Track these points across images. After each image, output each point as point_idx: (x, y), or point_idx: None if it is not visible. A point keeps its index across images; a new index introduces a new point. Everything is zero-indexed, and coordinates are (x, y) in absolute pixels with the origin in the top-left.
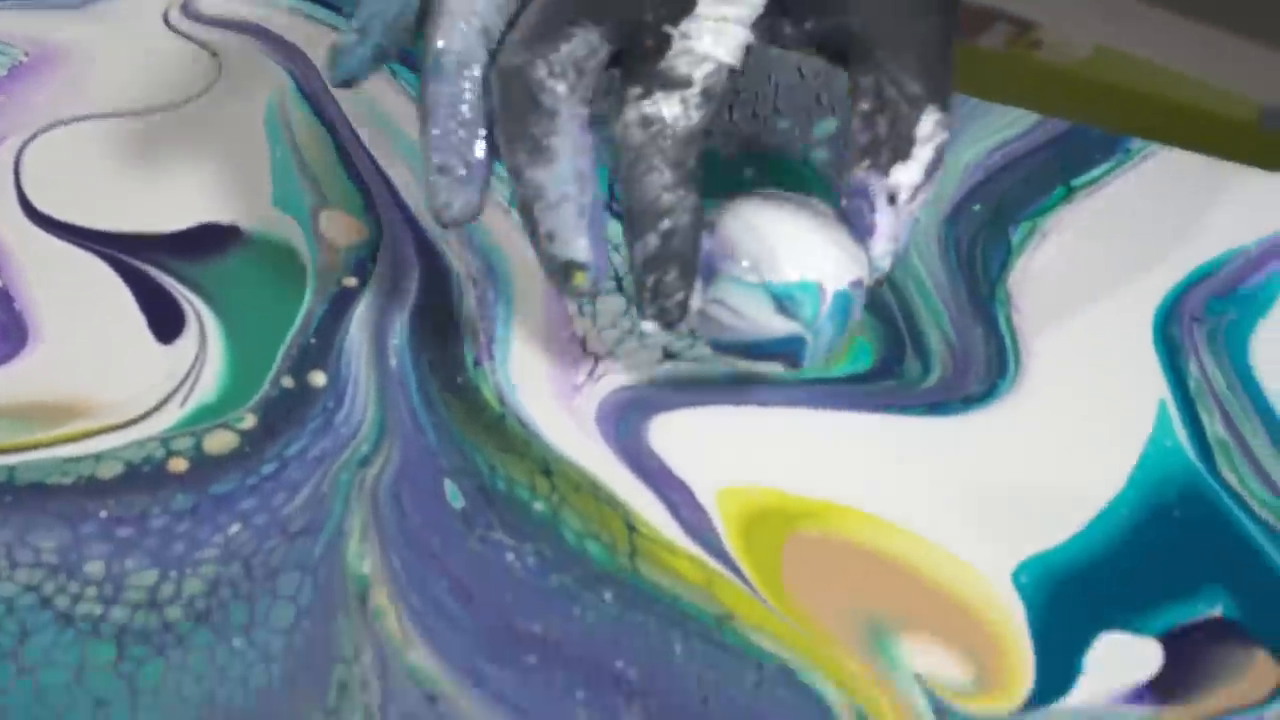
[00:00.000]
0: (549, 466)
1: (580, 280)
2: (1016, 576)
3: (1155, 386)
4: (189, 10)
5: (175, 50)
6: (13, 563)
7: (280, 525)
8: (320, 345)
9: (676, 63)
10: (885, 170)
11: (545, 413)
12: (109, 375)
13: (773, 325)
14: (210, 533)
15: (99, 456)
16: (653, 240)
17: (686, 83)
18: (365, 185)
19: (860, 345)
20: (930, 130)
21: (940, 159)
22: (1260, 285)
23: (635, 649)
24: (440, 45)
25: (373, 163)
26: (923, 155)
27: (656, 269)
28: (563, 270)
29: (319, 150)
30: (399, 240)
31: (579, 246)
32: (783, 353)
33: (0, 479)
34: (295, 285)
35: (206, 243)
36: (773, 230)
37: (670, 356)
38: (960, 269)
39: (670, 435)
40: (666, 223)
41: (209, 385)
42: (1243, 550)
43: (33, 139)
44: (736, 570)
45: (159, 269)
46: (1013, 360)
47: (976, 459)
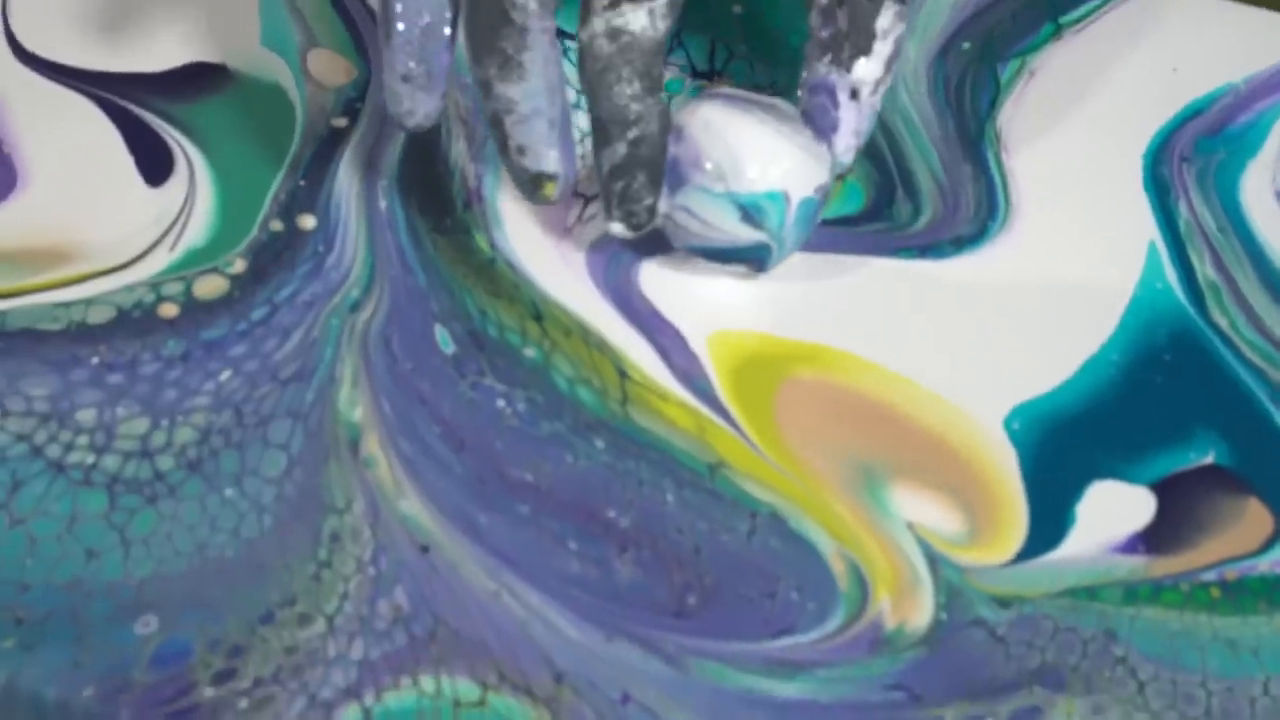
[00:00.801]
0: (539, 311)
1: (550, 190)
2: (1008, 423)
3: (1145, 228)
4: None
5: None
6: (4, 411)
7: (271, 372)
8: (309, 188)
9: None
10: (847, 66)
11: (535, 255)
12: (98, 218)
13: (739, 233)
14: (201, 380)
15: (89, 301)
16: (621, 148)
17: None
18: (355, 24)
19: (851, 187)
20: (889, 23)
21: (899, 51)
22: (1249, 124)
23: (627, 497)
24: None
25: (362, 1)
26: (883, 49)
27: (624, 175)
28: (533, 181)
29: None
30: None
31: (550, 158)
32: (748, 259)
33: None
34: (284, 126)
35: (195, 82)
36: (738, 139)
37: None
38: (949, 107)
39: (661, 279)
40: (634, 131)
41: (198, 229)
42: (1234, 395)
43: None
44: (728, 416)
45: (147, 110)
46: (1003, 200)
47: (968, 302)
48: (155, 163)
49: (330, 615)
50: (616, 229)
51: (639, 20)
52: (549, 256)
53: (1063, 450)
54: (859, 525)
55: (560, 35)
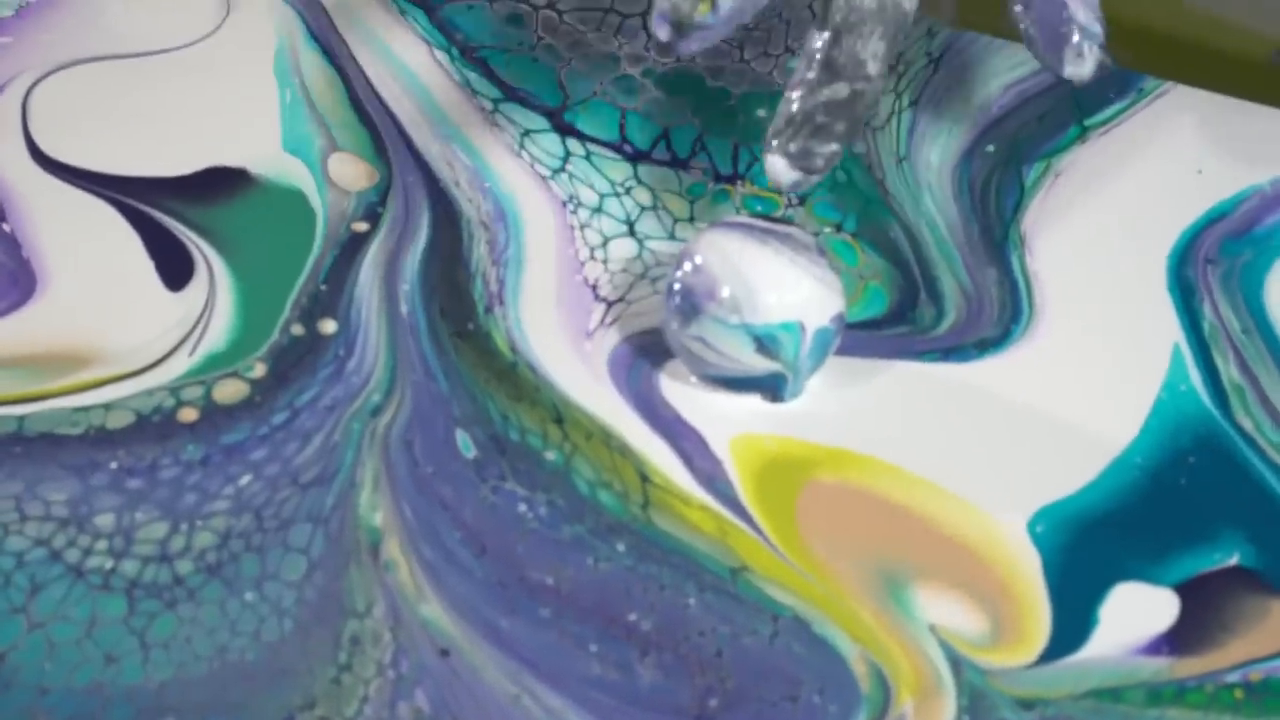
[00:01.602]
0: (560, 415)
1: (705, 10)
2: (1032, 526)
3: (1169, 330)
4: None
5: None
6: (23, 515)
7: (291, 476)
8: (330, 292)
9: None
10: None
11: (557, 360)
12: (118, 323)
13: (754, 363)
14: (221, 484)
15: (109, 406)
16: (843, 90)
17: None
18: (375, 128)
19: (874, 290)
20: None
21: None
22: (1275, 225)
23: (649, 601)
24: None
25: (383, 106)
26: None
27: (832, 114)
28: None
29: (329, 93)
30: (409, 184)
31: None
32: (764, 388)
33: (9, 430)
34: (305, 230)
35: (215, 187)
36: (753, 269)
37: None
38: (974, 211)
39: (683, 382)
40: (861, 84)
41: (219, 333)
42: (1259, 497)
43: (40, 81)
44: (750, 520)
45: (167, 214)
46: (1026, 304)
47: (991, 405)
48: (175, 267)
49: (351, 719)
50: (778, 163)
51: None
52: (570, 360)
53: (1087, 552)
54: (881, 628)
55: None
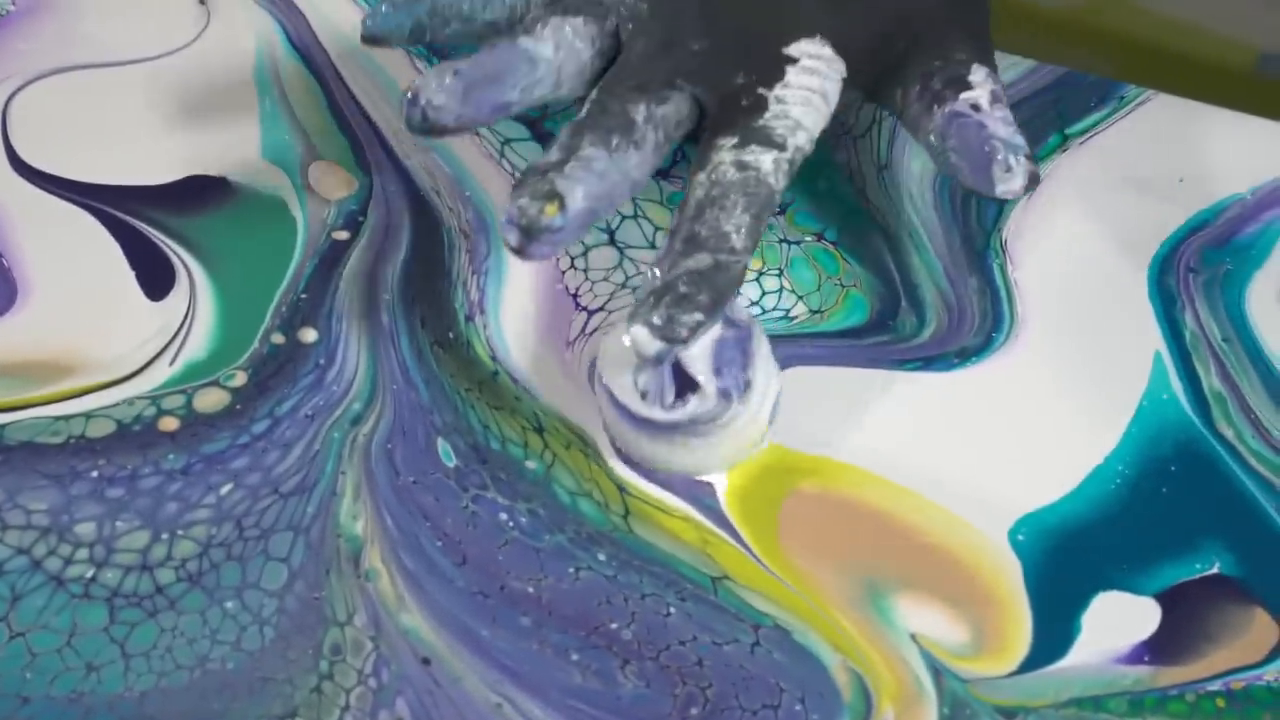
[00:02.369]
0: (541, 424)
1: (552, 211)
2: (1013, 534)
3: (1151, 339)
4: None
5: None
6: (3, 524)
7: (272, 484)
8: (311, 300)
9: (774, 124)
10: (956, 98)
11: (537, 369)
12: (99, 332)
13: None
14: (202, 493)
15: (89, 415)
16: (706, 260)
17: (781, 146)
18: (356, 137)
19: (855, 299)
20: (983, 77)
21: (1000, 96)
22: (1256, 234)
23: (630, 610)
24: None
25: (363, 114)
26: (983, 84)
27: (694, 285)
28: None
29: (309, 101)
30: (390, 193)
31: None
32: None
33: None
34: (285, 239)
35: (196, 196)
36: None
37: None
38: (954, 220)
39: None
40: (726, 258)
41: (199, 342)
42: (1240, 506)
43: (20, 90)
44: (731, 529)
45: (148, 223)
46: (1008, 313)
47: (972, 414)
48: (156, 276)
49: None
50: (640, 333)
51: (767, 164)
52: (551, 369)
53: (1068, 561)
54: (863, 637)
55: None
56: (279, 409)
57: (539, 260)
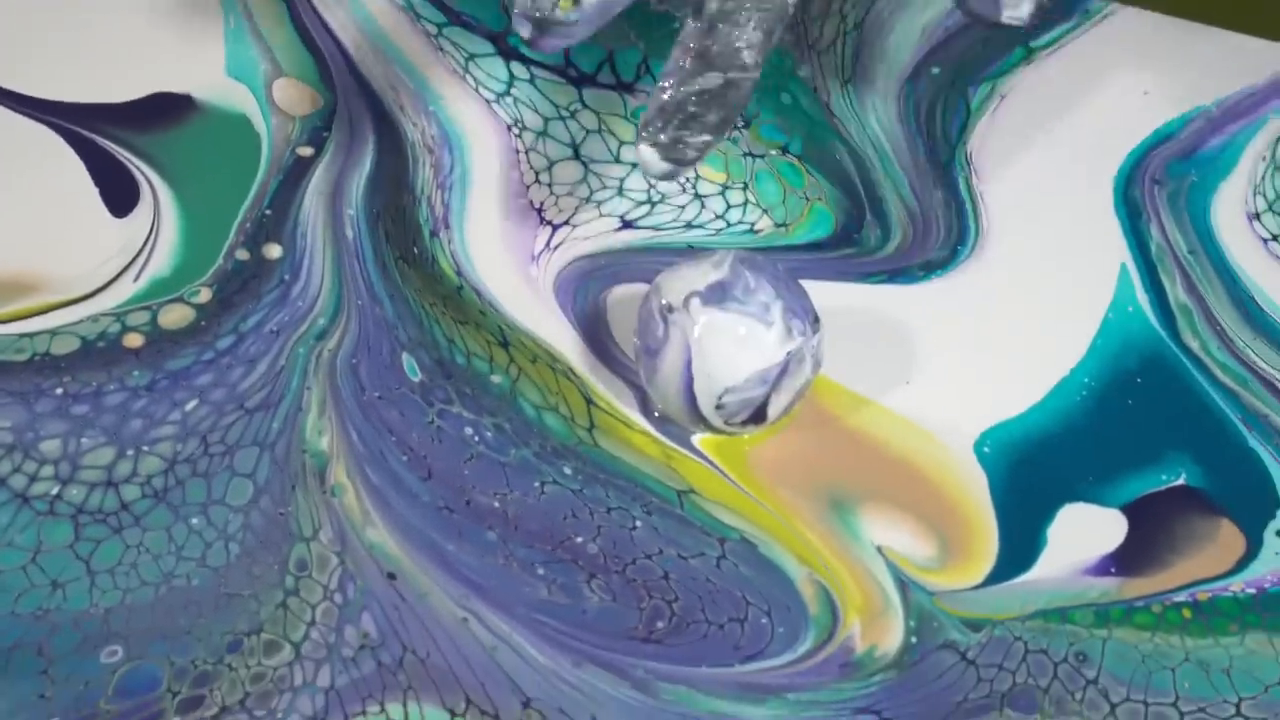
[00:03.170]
0: (507, 338)
1: (566, 7)
2: (979, 447)
3: (1116, 251)
4: None
5: None
6: None
7: (237, 400)
8: (275, 217)
9: None
10: None
11: (502, 283)
12: (63, 249)
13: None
14: (167, 409)
15: (54, 332)
16: (715, 79)
17: None
18: (320, 53)
19: (820, 212)
20: None
21: None
22: (1221, 147)
23: (596, 524)
24: None
25: (328, 30)
26: None
27: (704, 104)
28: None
29: (273, 18)
30: (354, 109)
31: None
32: None
33: None
34: (250, 156)
35: (160, 113)
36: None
37: (627, 225)
38: (919, 133)
39: (629, 306)
40: (737, 74)
41: (164, 259)
42: (1205, 417)
43: None
44: (693, 447)
45: (112, 140)
46: (973, 225)
47: (938, 327)
48: (120, 193)
49: (297, 643)
50: (649, 155)
51: None
52: (516, 284)
53: (1034, 473)
54: (829, 550)
55: None
56: (244, 325)
57: (549, 53)
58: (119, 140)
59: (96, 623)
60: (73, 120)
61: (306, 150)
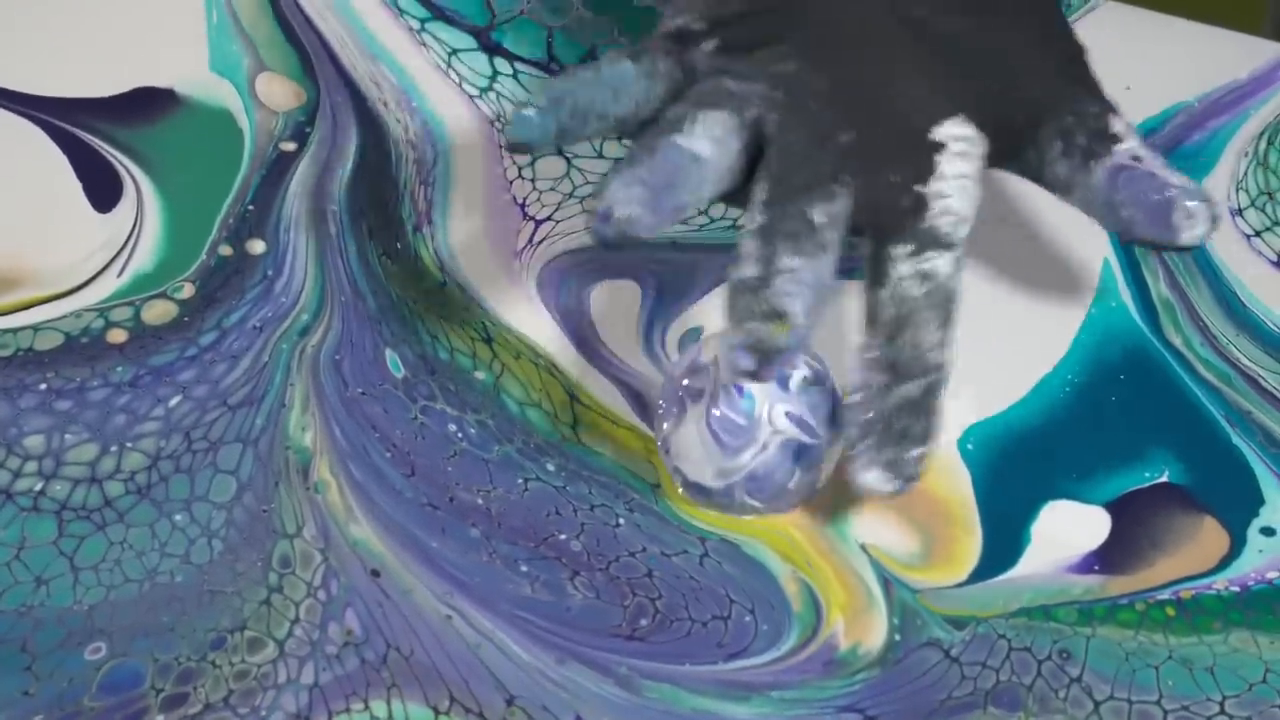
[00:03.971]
0: (490, 334)
1: (780, 331)
2: (962, 443)
3: (1099, 246)
4: None
5: None
6: None
7: (221, 397)
8: (259, 212)
9: (940, 222)
10: (1111, 151)
11: (486, 279)
12: (46, 244)
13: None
14: (150, 405)
15: (37, 328)
16: (914, 389)
17: (951, 244)
18: (303, 48)
19: None
20: (1125, 126)
21: (1151, 143)
22: (1203, 142)
23: (579, 521)
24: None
25: (310, 25)
26: (1129, 133)
27: (910, 416)
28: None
29: (256, 13)
30: (337, 104)
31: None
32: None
33: None
34: (233, 151)
35: (143, 108)
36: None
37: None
38: None
39: (612, 302)
40: (933, 377)
41: (147, 254)
42: (1188, 413)
43: None
44: None
45: (95, 135)
46: None
47: None
48: (103, 188)
49: (281, 640)
50: (876, 479)
51: (946, 266)
52: (500, 280)
53: (1017, 470)
54: (812, 547)
55: None
56: (227, 321)
57: (769, 381)
58: (102, 135)
59: (80, 619)
60: (56, 115)
61: (289, 145)
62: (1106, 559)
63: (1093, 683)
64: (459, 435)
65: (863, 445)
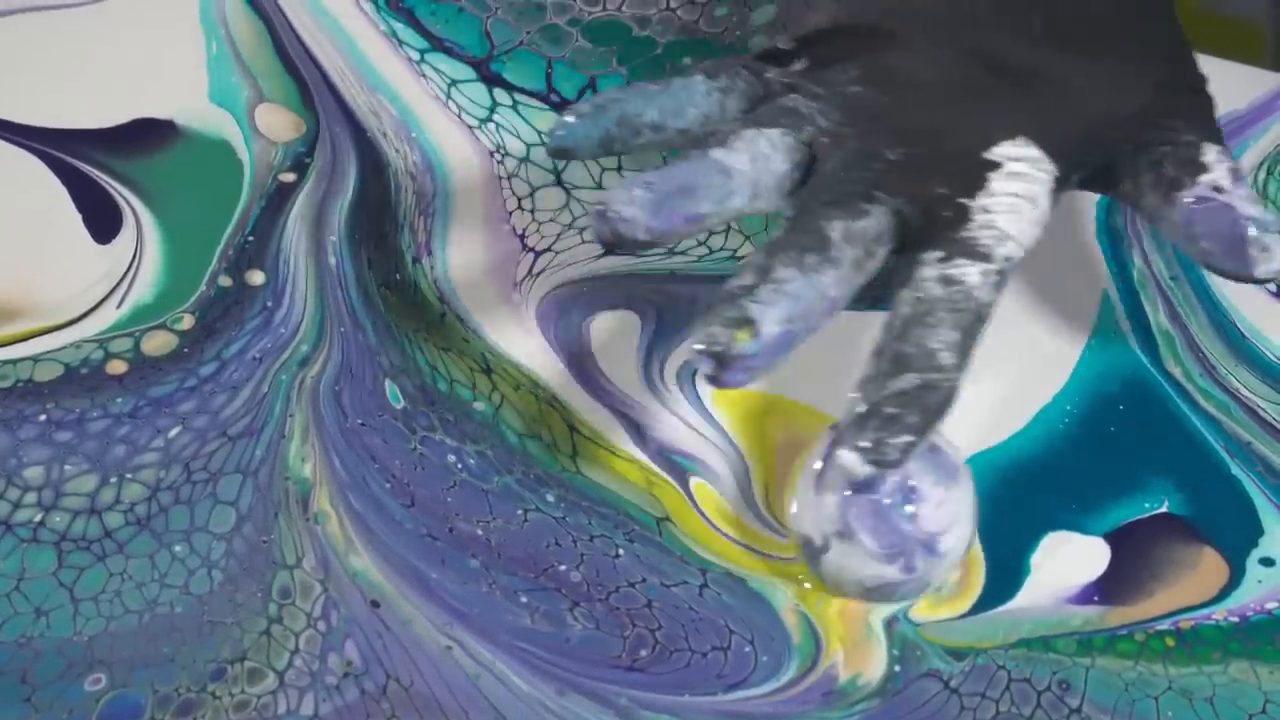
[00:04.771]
0: (489, 365)
1: (744, 339)
2: None
3: (1099, 277)
4: None
5: None
6: None
7: (220, 427)
8: (258, 243)
9: (980, 235)
10: (1195, 182)
11: (485, 310)
12: (46, 275)
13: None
14: (150, 436)
15: (37, 359)
16: (912, 380)
17: (987, 257)
18: (302, 79)
19: None
20: (1216, 156)
21: (1241, 173)
22: None
23: (579, 552)
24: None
25: (310, 56)
26: (1218, 163)
27: (902, 405)
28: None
29: (256, 44)
30: (336, 135)
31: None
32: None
33: None
34: (232, 182)
35: (143, 139)
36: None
37: (610, 251)
38: None
39: (611, 333)
40: (935, 376)
41: (146, 285)
42: (1188, 444)
43: None
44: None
45: (95, 166)
46: None
47: None
48: (103, 219)
49: (281, 671)
50: (851, 460)
51: (973, 277)
52: (499, 311)
53: (1017, 500)
54: (812, 579)
55: None
56: (226, 351)
57: (736, 388)
58: (102, 166)
59: (80, 650)
60: (56, 146)
61: (289, 176)
62: (1106, 590)
63: (1092, 713)
64: (458, 466)
65: (849, 431)
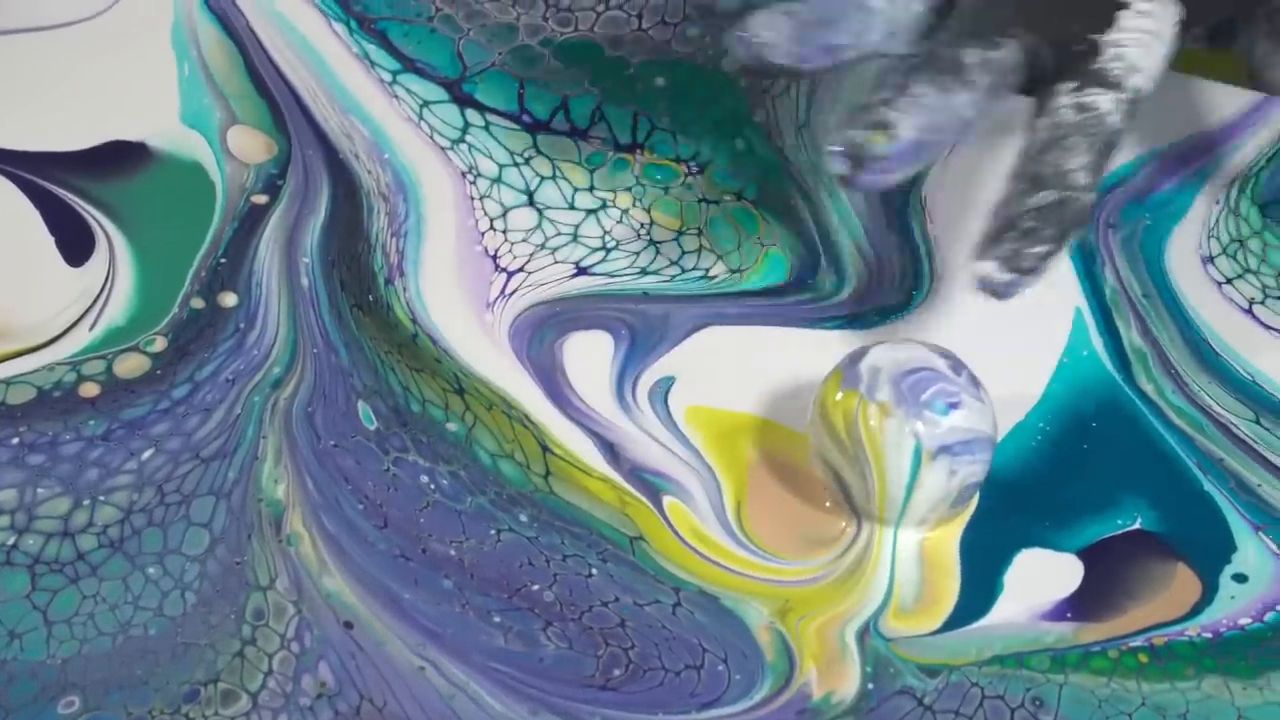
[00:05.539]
0: (462, 386)
1: (880, 141)
2: None
3: (1071, 295)
4: None
5: None
6: None
7: (193, 449)
8: (230, 265)
9: (1111, 66)
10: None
11: (458, 331)
12: (18, 298)
13: None
14: (123, 458)
15: (9, 382)
16: (1052, 196)
17: (1118, 85)
18: (274, 101)
19: (775, 258)
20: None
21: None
22: (1175, 189)
23: (552, 571)
24: None
25: (282, 78)
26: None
27: (1041, 219)
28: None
29: (228, 66)
30: (308, 156)
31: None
32: None
33: None
34: (204, 204)
35: (115, 161)
36: None
37: (582, 272)
38: None
39: (584, 353)
40: (1070, 193)
41: (119, 307)
42: (1160, 461)
43: None
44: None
45: (66, 189)
46: (927, 270)
47: None
48: (75, 242)
49: (254, 693)
50: (988, 269)
51: (1106, 103)
52: (471, 331)
53: (990, 518)
54: (786, 596)
55: None
56: (199, 374)
57: (867, 190)
58: (74, 189)
59: (54, 672)
60: (27, 169)
61: (261, 198)
62: (1079, 606)
63: None
64: (431, 487)
65: (988, 242)
